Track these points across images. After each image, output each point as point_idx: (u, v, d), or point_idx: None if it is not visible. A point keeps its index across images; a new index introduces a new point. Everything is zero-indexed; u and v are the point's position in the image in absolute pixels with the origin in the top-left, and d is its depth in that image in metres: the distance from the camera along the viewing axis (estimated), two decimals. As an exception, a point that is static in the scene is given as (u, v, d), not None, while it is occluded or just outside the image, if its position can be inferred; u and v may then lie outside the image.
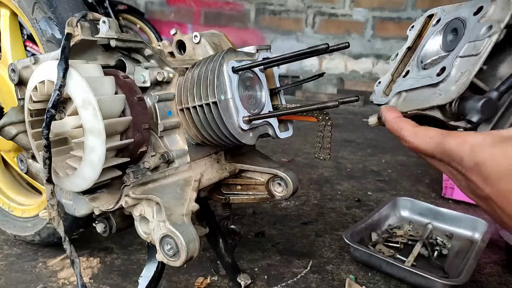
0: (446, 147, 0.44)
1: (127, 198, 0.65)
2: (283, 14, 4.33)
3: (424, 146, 0.46)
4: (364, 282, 1.03)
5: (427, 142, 0.46)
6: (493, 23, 0.47)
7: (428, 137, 0.46)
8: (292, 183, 0.79)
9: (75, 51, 0.67)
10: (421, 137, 0.47)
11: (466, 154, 0.42)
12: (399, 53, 0.63)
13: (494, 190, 0.41)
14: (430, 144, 0.46)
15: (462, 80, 0.47)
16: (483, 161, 0.41)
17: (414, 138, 0.47)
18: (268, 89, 0.73)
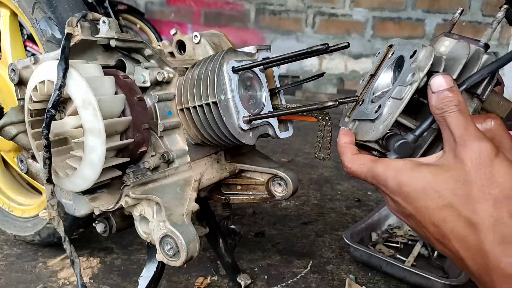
0: (375, 172, 0.50)
1: (127, 198, 0.65)
2: (283, 14, 4.33)
3: (358, 171, 0.52)
4: (364, 282, 1.03)
5: (360, 168, 0.52)
6: (415, 71, 0.50)
7: (362, 163, 0.52)
8: (292, 183, 0.79)
9: (75, 51, 0.67)
10: (356, 163, 0.52)
11: (390, 177, 0.48)
12: (364, 78, 0.64)
13: (413, 207, 0.47)
14: (362, 170, 0.52)
15: (387, 120, 0.51)
16: (404, 182, 0.47)
17: (351, 164, 0.53)
18: (268, 89, 0.73)
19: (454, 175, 0.44)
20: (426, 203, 0.46)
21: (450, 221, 0.44)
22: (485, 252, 0.42)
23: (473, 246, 0.43)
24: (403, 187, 0.47)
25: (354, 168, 0.53)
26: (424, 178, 0.46)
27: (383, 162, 0.50)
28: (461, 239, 0.44)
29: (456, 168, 0.44)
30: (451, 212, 0.44)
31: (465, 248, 0.44)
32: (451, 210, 0.44)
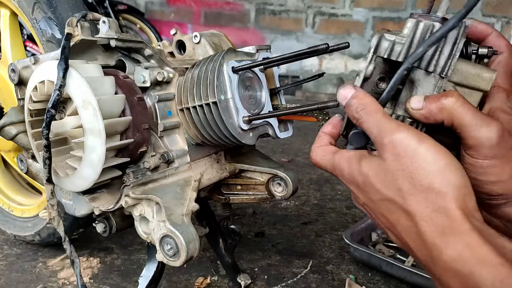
0: (334, 162, 0.51)
1: (127, 198, 0.65)
2: (283, 14, 4.33)
3: (320, 163, 0.53)
4: (364, 282, 1.03)
5: (322, 159, 0.53)
6: (360, 73, 0.51)
7: (323, 155, 0.53)
8: (292, 183, 0.79)
9: (75, 51, 0.67)
10: (318, 154, 0.53)
11: (344, 167, 0.49)
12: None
13: (364, 196, 0.48)
14: (323, 161, 0.53)
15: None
16: (353, 173, 0.48)
17: (314, 155, 0.54)
18: (268, 89, 0.73)
19: (383, 170, 0.44)
20: (370, 195, 0.47)
21: (394, 212, 0.44)
22: (428, 244, 0.41)
23: (417, 238, 0.42)
24: (354, 177, 0.48)
25: (316, 160, 0.54)
26: (365, 172, 0.46)
27: (340, 152, 0.51)
28: (406, 230, 0.44)
29: (383, 164, 0.45)
30: (392, 204, 0.44)
31: (411, 239, 0.43)
32: (392, 203, 0.44)
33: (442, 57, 0.46)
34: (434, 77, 0.47)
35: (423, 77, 0.48)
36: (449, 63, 0.46)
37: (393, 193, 0.44)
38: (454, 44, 0.46)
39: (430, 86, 0.47)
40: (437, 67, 0.47)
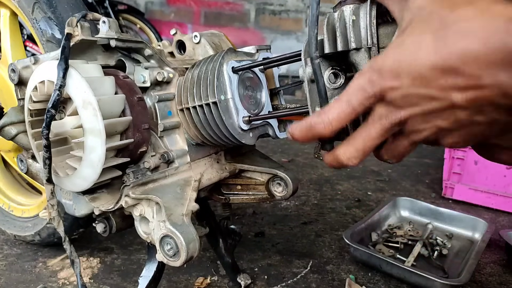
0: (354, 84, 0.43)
1: (127, 198, 0.65)
2: (283, 14, 4.33)
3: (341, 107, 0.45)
4: (364, 282, 1.03)
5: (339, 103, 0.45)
6: (303, 79, 0.54)
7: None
8: (292, 183, 0.79)
9: (75, 51, 0.67)
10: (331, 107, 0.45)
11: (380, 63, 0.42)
12: None
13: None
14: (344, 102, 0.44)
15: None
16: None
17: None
18: (268, 89, 0.73)
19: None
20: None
21: None
22: None
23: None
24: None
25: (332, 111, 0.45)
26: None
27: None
28: None
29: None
30: None
31: None
32: None
33: (362, 31, 0.47)
34: (364, 51, 0.48)
35: (357, 57, 0.48)
36: (368, 33, 0.47)
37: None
38: (366, 14, 0.47)
39: (366, 61, 0.48)
40: (362, 41, 0.47)
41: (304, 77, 0.53)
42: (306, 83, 0.53)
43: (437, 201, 1.62)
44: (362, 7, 0.47)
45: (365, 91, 0.42)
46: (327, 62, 0.52)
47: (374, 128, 0.44)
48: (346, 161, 0.46)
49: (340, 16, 0.49)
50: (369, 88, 0.42)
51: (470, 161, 1.63)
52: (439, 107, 0.39)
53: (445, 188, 1.66)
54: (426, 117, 0.40)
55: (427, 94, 0.39)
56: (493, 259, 1.19)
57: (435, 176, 1.92)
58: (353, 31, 0.47)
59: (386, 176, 1.89)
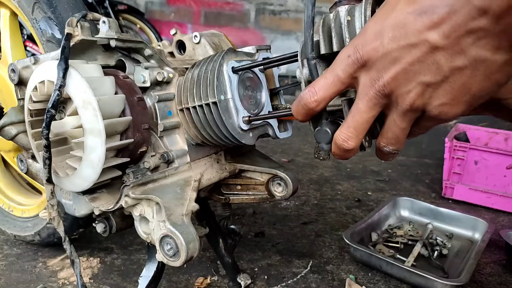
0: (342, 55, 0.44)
1: (127, 198, 0.65)
2: (283, 14, 4.33)
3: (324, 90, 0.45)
4: (364, 282, 1.03)
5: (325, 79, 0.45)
6: (300, 79, 0.54)
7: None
8: (292, 183, 0.79)
9: (75, 51, 0.67)
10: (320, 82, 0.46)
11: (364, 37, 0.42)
12: None
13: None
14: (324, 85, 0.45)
15: None
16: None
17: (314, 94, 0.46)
18: (268, 89, 0.73)
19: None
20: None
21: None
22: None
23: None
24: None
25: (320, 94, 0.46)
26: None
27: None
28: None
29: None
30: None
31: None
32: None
33: (357, 31, 0.47)
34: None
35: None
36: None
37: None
38: (361, 14, 0.47)
39: None
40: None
41: (301, 78, 0.53)
42: (303, 84, 0.53)
43: (437, 201, 1.62)
44: (357, 8, 0.48)
45: (349, 57, 0.42)
46: (324, 62, 0.52)
47: (361, 101, 0.43)
48: (342, 143, 0.46)
49: (335, 17, 0.49)
50: (352, 54, 0.42)
51: (470, 161, 1.63)
52: (420, 55, 0.38)
53: (445, 188, 1.66)
54: (408, 74, 0.40)
55: (406, 43, 0.39)
56: (493, 259, 1.19)
57: (435, 176, 1.92)
58: (348, 32, 0.48)
59: (386, 176, 1.89)
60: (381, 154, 0.49)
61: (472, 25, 0.36)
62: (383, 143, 0.47)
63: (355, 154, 0.48)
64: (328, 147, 0.51)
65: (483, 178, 1.61)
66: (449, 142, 1.65)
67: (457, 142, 1.65)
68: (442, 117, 0.42)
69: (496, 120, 1.91)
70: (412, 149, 2.32)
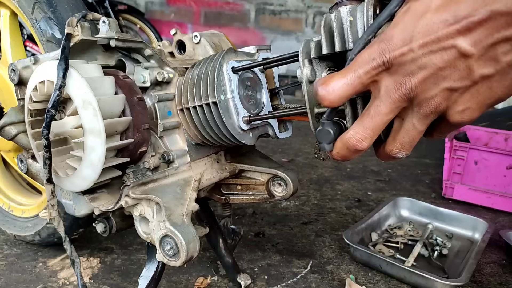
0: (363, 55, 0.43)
1: (127, 198, 0.65)
2: (283, 14, 4.33)
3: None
4: (364, 282, 1.03)
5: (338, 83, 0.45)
6: (301, 79, 0.54)
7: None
8: (292, 183, 0.79)
9: (75, 51, 0.67)
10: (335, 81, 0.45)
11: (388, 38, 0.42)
12: None
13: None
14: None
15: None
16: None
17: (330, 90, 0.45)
18: (268, 89, 0.73)
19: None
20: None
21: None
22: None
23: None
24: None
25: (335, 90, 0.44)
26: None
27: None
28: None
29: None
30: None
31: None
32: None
33: (359, 31, 0.48)
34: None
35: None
36: (369, 32, 0.47)
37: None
38: (363, 15, 0.47)
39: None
40: (361, 41, 0.47)
41: (302, 78, 0.53)
42: (304, 84, 0.53)
43: (437, 201, 1.62)
44: (358, 8, 0.48)
45: (374, 60, 0.42)
46: (324, 62, 0.53)
47: (382, 103, 0.43)
48: (356, 143, 0.45)
49: (337, 17, 0.49)
50: (378, 57, 0.42)
51: (470, 161, 1.63)
52: (449, 61, 0.39)
53: (445, 188, 1.66)
54: (436, 79, 0.40)
55: (436, 48, 0.39)
56: (493, 259, 1.19)
57: (435, 176, 1.92)
58: (350, 32, 0.48)
59: (386, 176, 1.89)
60: (388, 158, 0.49)
61: (506, 33, 0.36)
62: (397, 149, 0.47)
63: (359, 155, 0.48)
64: (329, 147, 0.51)
65: (483, 178, 1.61)
66: (449, 142, 1.65)
67: (457, 142, 1.65)
68: (464, 120, 0.42)
69: (497, 120, 1.90)
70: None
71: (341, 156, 0.49)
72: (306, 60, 0.52)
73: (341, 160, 0.51)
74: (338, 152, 0.49)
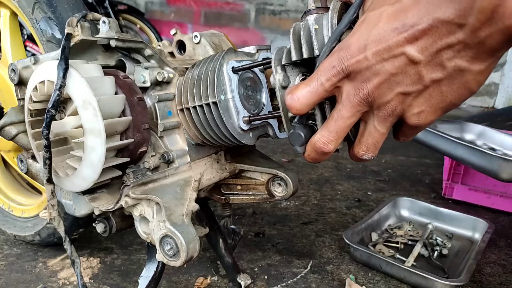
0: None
1: (127, 198, 0.65)
2: (283, 14, 4.33)
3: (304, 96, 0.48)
4: (364, 282, 1.03)
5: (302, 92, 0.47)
6: (275, 85, 0.56)
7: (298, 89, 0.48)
8: (292, 183, 0.79)
9: (75, 51, 0.67)
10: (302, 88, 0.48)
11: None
12: None
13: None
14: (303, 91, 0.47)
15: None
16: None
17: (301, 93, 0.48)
18: (268, 89, 0.73)
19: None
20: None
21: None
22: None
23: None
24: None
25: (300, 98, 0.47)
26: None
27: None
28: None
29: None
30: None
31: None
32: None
33: (325, 38, 0.49)
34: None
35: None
36: (332, 40, 0.49)
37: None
38: (328, 23, 0.49)
39: None
40: (326, 49, 0.49)
41: (275, 84, 0.55)
42: (277, 90, 0.55)
43: (437, 201, 1.62)
44: (324, 16, 0.50)
45: (334, 67, 0.45)
46: (297, 68, 0.55)
47: (344, 107, 0.46)
48: (322, 146, 0.49)
49: (304, 25, 0.51)
50: (337, 65, 0.45)
51: (470, 161, 1.63)
52: (400, 67, 0.41)
53: (445, 188, 1.66)
54: (390, 84, 0.43)
55: (387, 56, 0.41)
56: (493, 259, 1.19)
57: (435, 176, 1.92)
58: (316, 39, 0.50)
59: (386, 176, 1.89)
60: (357, 159, 0.52)
61: (451, 39, 0.38)
62: (362, 150, 0.50)
63: (328, 157, 0.51)
64: (301, 149, 0.53)
65: (483, 178, 1.61)
66: (449, 142, 1.65)
67: (457, 142, 1.64)
68: (421, 123, 0.45)
69: (497, 120, 1.90)
70: (412, 149, 2.32)
71: (312, 158, 0.51)
72: (279, 67, 0.54)
73: (313, 162, 0.53)
74: (308, 155, 0.52)
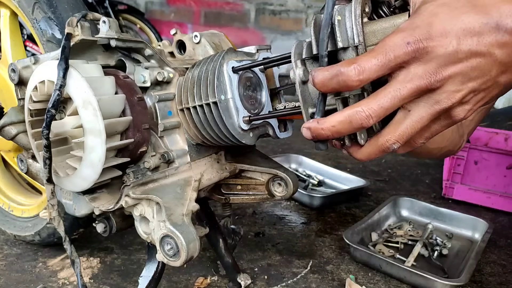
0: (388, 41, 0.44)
1: (127, 198, 0.65)
2: (283, 14, 4.33)
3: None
4: (364, 282, 1.03)
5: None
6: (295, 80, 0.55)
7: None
8: (292, 183, 0.79)
9: (75, 51, 0.67)
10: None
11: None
12: None
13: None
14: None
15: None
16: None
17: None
18: (268, 89, 0.73)
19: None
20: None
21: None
22: None
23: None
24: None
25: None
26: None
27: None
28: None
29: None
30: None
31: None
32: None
33: (348, 30, 0.48)
34: (352, 50, 0.48)
35: (345, 56, 0.49)
36: (355, 32, 0.47)
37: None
38: (351, 14, 0.48)
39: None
40: (349, 41, 0.48)
41: (295, 79, 0.53)
42: (297, 85, 0.54)
43: (437, 201, 1.62)
44: (347, 7, 0.48)
45: (409, 45, 0.42)
46: (317, 63, 0.53)
47: (406, 88, 0.43)
48: (365, 118, 0.45)
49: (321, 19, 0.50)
50: (413, 43, 0.42)
51: (470, 161, 1.63)
52: (482, 65, 0.41)
53: (445, 188, 1.66)
54: (465, 77, 0.41)
55: (475, 50, 0.40)
56: (493, 259, 1.19)
57: (435, 176, 1.91)
58: (339, 31, 0.48)
59: (386, 176, 1.89)
60: (374, 154, 0.50)
61: None
62: (394, 138, 0.46)
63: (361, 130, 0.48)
64: (324, 146, 0.52)
65: (483, 178, 1.61)
66: (449, 142, 1.65)
67: (457, 142, 1.64)
68: (463, 119, 0.44)
69: (497, 120, 1.89)
70: (412, 149, 2.32)
71: (346, 129, 0.47)
72: (299, 61, 0.53)
73: (334, 138, 0.50)
74: (333, 126, 0.47)
